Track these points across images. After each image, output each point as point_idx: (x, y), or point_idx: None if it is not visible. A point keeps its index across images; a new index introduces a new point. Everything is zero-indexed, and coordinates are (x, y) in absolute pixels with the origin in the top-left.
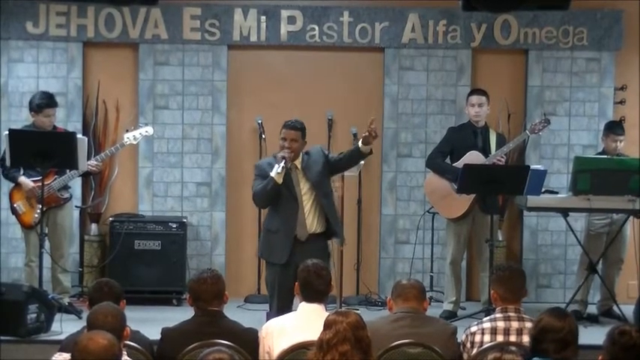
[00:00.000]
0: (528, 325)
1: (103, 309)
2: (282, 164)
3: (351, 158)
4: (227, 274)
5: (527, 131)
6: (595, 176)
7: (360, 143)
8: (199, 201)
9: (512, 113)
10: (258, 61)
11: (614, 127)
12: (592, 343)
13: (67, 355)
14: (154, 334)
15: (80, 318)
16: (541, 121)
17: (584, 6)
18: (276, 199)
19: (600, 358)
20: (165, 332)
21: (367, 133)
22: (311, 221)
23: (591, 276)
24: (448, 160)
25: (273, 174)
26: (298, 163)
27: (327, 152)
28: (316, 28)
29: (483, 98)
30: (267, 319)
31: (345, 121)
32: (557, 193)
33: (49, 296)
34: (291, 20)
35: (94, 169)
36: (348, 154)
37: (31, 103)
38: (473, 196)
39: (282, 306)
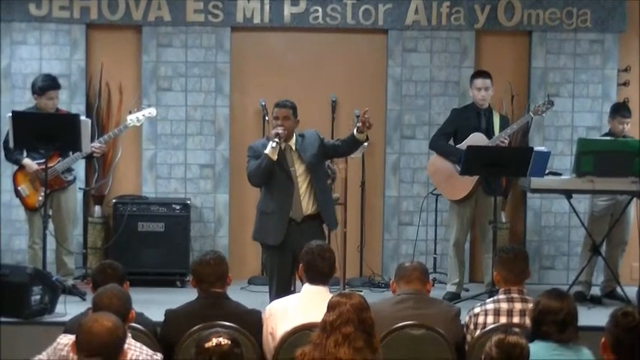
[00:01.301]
0: (532, 306)
1: (109, 291)
2: (276, 140)
3: (347, 145)
4: (230, 256)
5: (530, 113)
6: (598, 158)
7: (355, 131)
8: (203, 183)
9: (515, 95)
10: (261, 42)
11: (622, 110)
12: (595, 324)
13: (73, 337)
14: (157, 315)
15: (84, 300)
16: (544, 102)
17: None
18: (270, 177)
19: (603, 339)
20: (168, 314)
21: (360, 123)
22: (306, 203)
23: (595, 257)
24: (452, 142)
25: (267, 150)
26: (293, 144)
27: (322, 136)
28: (319, 9)
29: (488, 81)
30: (270, 300)
31: (348, 103)
32: (560, 174)
33: (53, 278)
34: (295, 2)
35: (97, 151)
36: (344, 142)
37: (33, 85)
38: (476, 177)
39: (280, 289)
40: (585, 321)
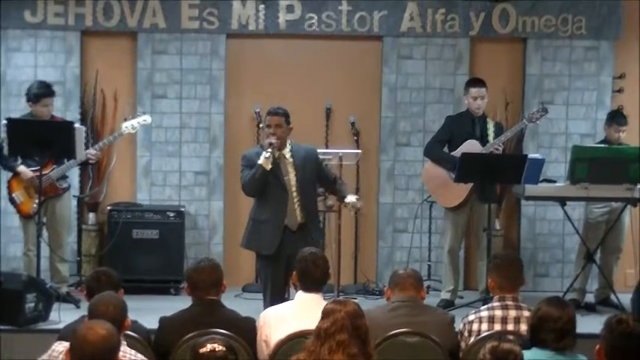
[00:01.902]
0: (526, 313)
1: (105, 299)
2: (269, 150)
3: (333, 192)
4: (225, 263)
5: (524, 120)
6: (593, 165)
7: (345, 197)
8: (197, 190)
9: (510, 102)
10: (256, 49)
11: (618, 117)
12: (589, 331)
13: (68, 344)
14: (151, 323)
15: (78, 307)
16: (538, 110)
17: None
18: (265, 186)
19: (598, 346)
20: (163, 321)
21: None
22: (300, 210)
23: (589, 265)
24: (446, 149)
25: (260, 161)
26: (286, 152)
27: (320, 160)
28: (315, 16)
29: (483, 90)
30: (265, 308)
31: (343, 110)
32: (554, 181)
33: (47, 285)
34: (290, 9)
35: (93, 158)
36: (334, 188)
37: (28, 92)
38: (470, 184)
39: (275, 296)
40: (579, 328)
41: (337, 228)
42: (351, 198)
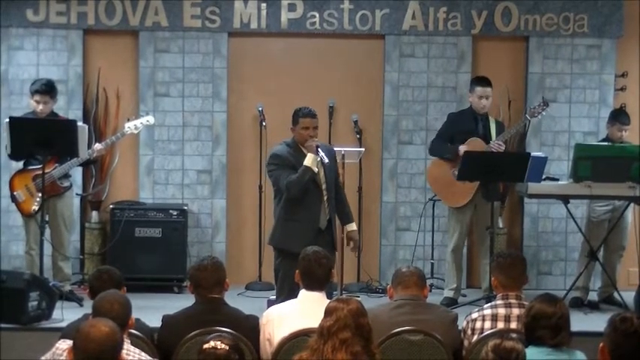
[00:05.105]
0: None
1: (110, 296)
2: (321, 153)
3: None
4: (228, 262)
5: (526, 115)
6: (596, 163)
7: (347, 225)
8: (200, 188)
9: (512, 100)
10: (258, 48)
11: (621, 116)
12: (593, 329)
13: (71, 342)
14: (154, 321)
15: (81, 305)
16: (540, 104)
17: None
18: None
19: (601, 344)
20: (166, 319)
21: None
22: (328, 207)
23: (592, 263)
24: None
25: (309, 163)
26: None
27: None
28: (317, 15)
29: (489, 90)
30: (268, 306)
31: (346, 109)
32: (557, 180)
33: (50, 284)
34: (292, 7)
35: (99, 153)
36: (339, 201)
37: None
38: (477, 184)
39: (291, 295)
40: (583, 326)
41: (340, 226)
42: (353, 227)
